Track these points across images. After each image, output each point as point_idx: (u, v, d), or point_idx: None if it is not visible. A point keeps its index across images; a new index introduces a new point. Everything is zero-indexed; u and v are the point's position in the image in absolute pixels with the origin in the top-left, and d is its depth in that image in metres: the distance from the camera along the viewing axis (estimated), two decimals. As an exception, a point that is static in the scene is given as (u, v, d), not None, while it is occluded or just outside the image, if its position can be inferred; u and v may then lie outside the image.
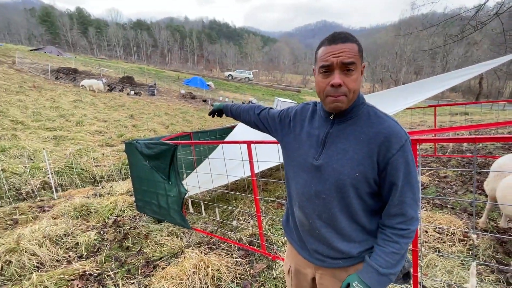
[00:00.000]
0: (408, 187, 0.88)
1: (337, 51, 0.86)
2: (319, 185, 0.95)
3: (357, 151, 0.89)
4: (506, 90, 36.20)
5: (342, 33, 0.89)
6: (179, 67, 63.37)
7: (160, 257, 2.73)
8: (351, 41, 0.87)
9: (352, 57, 0.86)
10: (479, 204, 3.27)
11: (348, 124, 0.94)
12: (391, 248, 0.89)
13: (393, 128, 0.88)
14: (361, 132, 0.90)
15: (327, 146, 0.95)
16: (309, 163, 0.98)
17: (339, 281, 1.02)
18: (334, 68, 0.87)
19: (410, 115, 14.64)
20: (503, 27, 5.45)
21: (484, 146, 6.08)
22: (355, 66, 0.87)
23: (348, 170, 0.89)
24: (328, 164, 0.93)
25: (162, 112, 14.97)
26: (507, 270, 2.17)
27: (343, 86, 0.86)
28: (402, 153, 0.86)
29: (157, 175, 3.08)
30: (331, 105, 0.90)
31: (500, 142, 5.89)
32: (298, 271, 1.16)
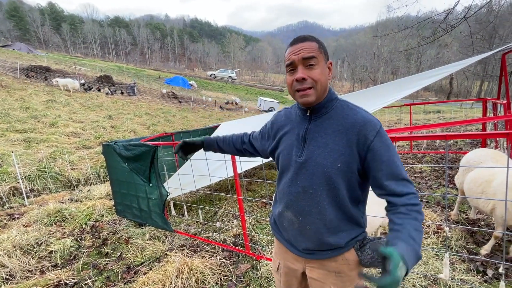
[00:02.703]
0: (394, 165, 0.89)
1: (297, 49, 0.94)
2: (306, 180, 0.98)
3: (337, 142, 0.94)
4: (474, 89, 38.64)
5: (302, 35, 0.99)
6: (160, 66, 61.72)
7: (141, 262, 2.65)
8: (310, 40, 0.96)
9: (311, 52, 0.93)
10: (451, 198, 3.45)
11: (324, 118, 0.99)
12: (413, 225, 0.82)
13: (366, 117, 0.94)
14: (338, 125, 0.96)
15: (308, 142, 0.99)
16: (293, 161, 1.01)
17: (327, 271, 1.05)
18: (297, 65, 0.95)
19: (388, 114, 15.23)
20: (470, 30, 5.83)
21: (455, 143, 6.44)
22: (316, 60, 0.94)
23: (331, 162, 0.93)
24: (311, 159, 0.97)
25: (143, 112, 14.53)
26: (476, 259, 2.31)
27: (307, 79, 0.93)
28: (379, 138, 0.91)
29: (137, 178, 2.98)
30: (301, 100, 0.97)
31: (469, 139, 6.27)
32: (287, 267, 1.17)
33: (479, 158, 2.57)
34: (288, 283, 1.21)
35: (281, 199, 1.09)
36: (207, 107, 21.37)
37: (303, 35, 0.99)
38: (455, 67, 3.29)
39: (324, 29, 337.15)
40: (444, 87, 36.94)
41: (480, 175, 2.37)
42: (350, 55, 67.98)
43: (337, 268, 1.04)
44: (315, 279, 1.09)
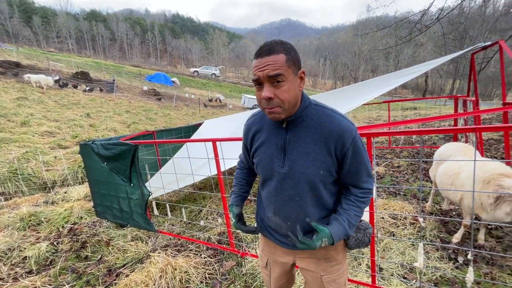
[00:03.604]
0: (362, 165, 1.01)
1: (262, 65, 0.87)
2: (291, 189, 1.01)
3: (317, 151, 0.96)
4: (447, 87, 40.77)
5: (268, 44, 0.89)
6: (141, 62, 59.84)
7: (123, 264, 2.58)
8: (276, 52, 0.87)
9: (277, 69, 0.86)
10: (426, 190, 3.63)
11: (301, 127, 0.98)
12: (354, 211, 1.02)
13: (342, 124, 0.95)
14: (316, 133, 0.96)
15: (289, 151, 0.99)
16: (276, 172, 1.02)
17: (317, 259, 1.11)
18: (262, 82, 0.89)
19: (368, 110, 15.71)
20: (443, 30, 6.15)
21: (430, 138, 6.77)
22: (283, 77, 0.87)
23: (314, 170, 0.97)
24: (294, 169, 0.98)
25: (123, 110, 14.06)
26: (448, 247, 2.46)
27: (275, 98, 0.89)
28: (354, 144, 0.96)
29: (117, 178, 2.89)
30: (270, 116, 0.94)
31: (442, 134, 6.61)
32: (276, 262, 1.20)
33: (449, 152, 2.73)
34: (278, 278, 1.24)
35: (268, 206, 1.11)
36: (191, 105, 21.03)
37: (269, 44, 0.89)
38: (429, 65, 3.45)
39: (306, 27, 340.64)
40: (420, 85, 38.72)
41: (450, 168, 2.52)
42: (332, 53, 69.27)
43: (326, 255, 1.11)
44: (306, 269, 1.15)
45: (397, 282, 2.09)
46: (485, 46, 3.09)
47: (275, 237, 1.15)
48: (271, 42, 0.90)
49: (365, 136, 1.63)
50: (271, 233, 1.17)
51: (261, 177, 1.12)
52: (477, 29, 20.81)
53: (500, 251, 2.38)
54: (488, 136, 6.20)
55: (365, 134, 1.62)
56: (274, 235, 1.15)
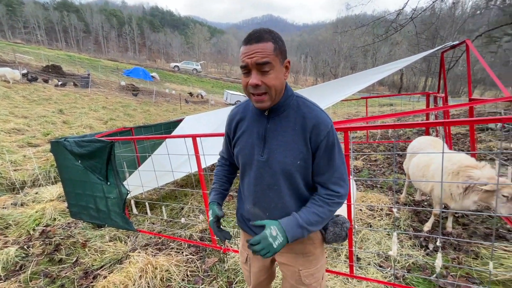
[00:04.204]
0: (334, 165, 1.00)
1: (251, 52, 0.88)
2: (270, 178, 1.02)
3: (296, 141, 0.98)
4: (420, 84, 42.86)
5: (257, 32, 0.90)
6: (118, 56, 57.23)
7: (101, 266, 2.50)
8: (265, 40, 0.88)
9: (265, 56, 0.88)
10: (400, 182, 3.81)
11: (282, 117, 1.00)
12: (314, 209, 0.99)
13: (320, 116, 0.97)
14: (296, 123, 0.98)
15: (269, 140, 1.01)
16: (256, 160, 1.03)
17: (295, 254, 1.13)
18: (250, 69, 0.90)
19: (347, 107, 16.16)
20: (416, 30, 6.44)
21: (405, 132, 7.10)
22: (270, 66, 0.89)
23: (291, 160, 0.98)
24: (273, 158, 1.00)
25: (99, 106, 13.44)
26: (420, 236, 2.61)
27: (262, 85, 0.90)
28: (328, 138, 0.97)
29: (93, 176, 2.78)
30: (256, 105, 0.96)
31: (415, 128, 6.95)
32: (256, 257, 1.21)
33: (421, 145, 2.88)
34: (258, 273, 1.25)
35: (247, 197, 1.11)
36: (171, 101, 20.51)
37: (259, 31, 0.90)
38: (403, 63, 3.61)
39: (288, 24, 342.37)
40: (396, 82, 40.40)
41: (421, 161, 2.66)
42: (312, 50, 70.22)
43: (304, 249, 1.13)
44: (284, 264, 1.17)
45: (373, 271, 2.19)
46: (454, 45, 3.27)
47: (254, 232, 1.16)
48: (259, 30, 0.91)
49: (342, 131, 1.67)
50: (250, 228, 1.17)
51: (241, 168, 1.12)
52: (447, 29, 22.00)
53: (466, 237, 2.56)
54: (456, 131, 6.60)
55: (342, 129, 1.67)
56: (254, 230, 1.16)
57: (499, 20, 9.28)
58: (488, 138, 5.53)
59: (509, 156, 4.17)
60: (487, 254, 2.22)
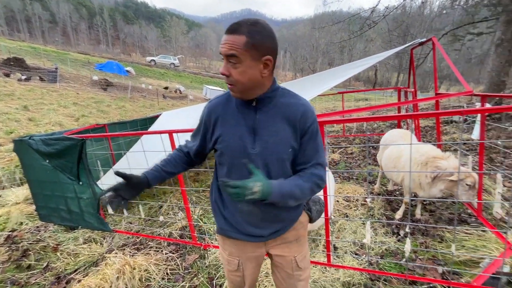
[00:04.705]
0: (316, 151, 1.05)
1: (223, 42, 0.90)
2: (263, 170, 1.01)
3: (285, 129, 1.00)
4: (393, 80, 44.91)
5: (237, 23, 0.90)
6: (89, 49, 53.98)
7: (75, 269, 2.39)
8: (238, 33, 0.88)
9: (232, 49, 0.88)
10: (375, 174, 3.99)
11: (270, 107, 1.01)
12: (298, 181, 0.99)
13: (306, 105, 1.03)
14: (284, 112, 1.00)
15: (259, 132, 1.00)
16: (247, 154, 1.00)
17: (289, 242, 1.15)
18: (224, 58, 0.92)
19: (325, 101, 16.56)
20: (388, 27, 6.73)
21: (379, 126, 7.41)
22: (237, 59, 0.89)
23: (283, 148, 1.00)
24: (266, 149, 1.00)
25: (70, 102, 12.67)
26: (392, 223, 2.76)
27: (230, 77, 0.92)
28: (313, 126, 1.02)
29: (63, 176, 2.63)
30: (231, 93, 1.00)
31: (388, 121, 7.28)
32: (249, 258, 1.17)
33: (392, 138, 3.03)
34: (253, 274, 1.22)
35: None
36: (148, 96, 19.79)
37: (238, 23, 0.89)
38: (376, 58, 3.75)
39: (267, 19, 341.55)
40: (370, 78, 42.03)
41: (392, 152, 2.81)
42: (291, 46, 70.75)
43: (296, 235, 1.16)
44: (280, 255, 1.16)
45: (350, 259, 2.29)
46: (422, 42, 3.45)
47: (244, 234, 1.11)
48: (241, 21, 0.90)
49: (318, 125, 1.71)
50: (240, 232, 1.11)
51: (227, 165, 1.05)
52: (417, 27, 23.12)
53: (432, 222, 2.75)
54: (425, 124, 7.01)
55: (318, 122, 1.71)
56: (243, 232, 1.11)
57: (463, 20, 9.93)
58: (452, 130, 5.93)
59: (470, 147, 4.51)
60: (451, 237, 2.40)
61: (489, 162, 3.93)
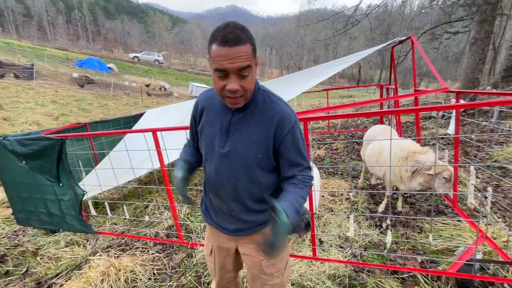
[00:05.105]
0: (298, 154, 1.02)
1: (232, 56, 0.82)
2: (229, 171, 1.02)
3: (258, 134, 0.98)
4: (376, 77, 46.06)
5: (234, 31, 0.83)
6: (68, 45, 51.57)
7: (56, 274, 2.32)
8: (243, 42, 0.83)
9: (247, 60, 0.85)
10: (358, 169, 4.10)
11: (248, 111, 0.99)
12: (299, 193, 0.98)
13: (284, 111, 0.98)
14: (260, 117, 0.98)
15: (231, 133, 1.00)
16: (217, 152, 1.02)
17: (257, 245, 1.10)
18: (229, 73, 0.85)
19: (311, 98, 16.76)
20: (370, 25, 6.90)
21: (363, 122, 7.60)
22: (250, 69, 0.87)
23: (252, 153, 0.98)
24: (234, 151, 0.99)
25: (48, 101, 12.13)
26: (375, 216, 2.85)
27: (240, 89, 0.88)
28: (292, 132, 0.98)
29: (42, 178, 2.53)
30: (230, 105, 0.96)
31: (371, 117, 7.48)
32: (220, 247, 1.22)
33: (375, 133, 3.13)
34: (223, 263, 1.26)
35: (210, 188, 1.12)
36: (132, 94, 19.25)
37: (236, 32, 0.82)
38: (359, 56, 3.84)
39: (252, 15, 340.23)
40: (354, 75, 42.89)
41: (375, 148, 2.90)
42: (277, 43, 70.87)
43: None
44: (247, 254, 1.18)
45: (335, 252, 2.35)
46: (401, 40, 3.57)
47: (217, 223, 1.17)
48: (234, 28, 0.83)
49: (302, 121, 1.74)
50: (213, 220, 1.18)
51: (204, 157, 1.11)
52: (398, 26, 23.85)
53: (412, 214, 2.87)
54: (406, 120, 7.26)
55: (302, 119, 1.74)
56: (216, 221, 1.17)
57: (440, 19, 10.32)
58: (431, 126, 6.18)
59: (447, 141, 4.72)
60: (429, 228, 2.52)
61: (464, 155, 4.14)
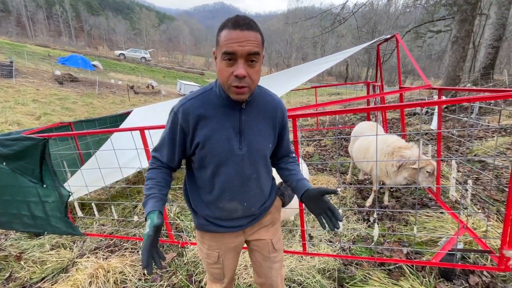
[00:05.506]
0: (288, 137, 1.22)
1: (243, 39, 0.81)
2: (250, 169, 1.04)
3: (266, 126, 1.06)
4: (363, 74, 46.93)
5: (246, 18, 0.85)
6: (49, 41, 49.66)
7: (42, 278, 2.26)
8: (255, 30, 0.84)
9: (257, 46, 0.84)
10: (346, 164, 4.18)
11: (252, 106, 1.02)
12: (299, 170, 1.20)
13: (280, 102, 1.11)
14: (265, 111, 1.05)
15: (245, 132, 1.00)
16: (234, 155, 0.99)
17: (265, 226, 1.22)
18: (238, 57, 0.83)
19: (300, 96, 16.90)
20: (357, 24, 7.02)
21: (350, 119, 7.74)
22: (258, 57, 0.86)
23: (265, 145, 1.07)
24: (251, 148, 1.02)
25: (29, 99, 11.67)
26: (363, 210, 2.93)
27: (246, 78, 0.85)
28: (287, 119, 1.17)
29: (24, 179, 2.44)
30: (235, 96, 0.90)
31: (359, 114, 7.63)
32: (229, 249, 1.19)
33: (362, 130, 3.20)
34: (232, 264, 1.24)
35: (222, 194, 1.05)
36: (118, 92, 18.79)
37: (247, 18, 0.84)
38: (346, 54, 3.90)
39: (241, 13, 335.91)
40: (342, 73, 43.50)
41: (362, 144, 2.97)
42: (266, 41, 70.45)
43: (271, 218, 1.23)
44: (257, 240, 1.22)
45: (324, 246, 2.40)
46: (387, 38, 3.66)
47: (223, 226, 1.12)
48: (245, 16, 0.85)
49: (290, 118, 1.76)
50: (218, 225, 1.13)
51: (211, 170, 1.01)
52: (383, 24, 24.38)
53: (398, 208, 2.96)
54: (392, 116, 7.45)
55: (290, 116, 1.76)
56: (223, 225, 1.12)
57: (424, 18, 10.62)
58: (416, 122, 6.37)
59: (431, 136, 4.88)
60: (414, 220, 2.61)
61: (447, 150, 4.29)
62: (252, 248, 1.27)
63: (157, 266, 0.86)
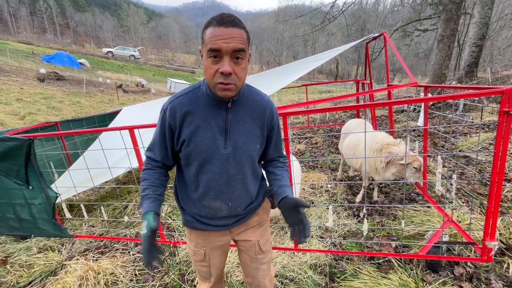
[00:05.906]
0: (280, 140, 1.20)
1: (227, 36, 0.82)
2: (235, 169, 1.03)
3: (254, 127, 1.03)
4: (353, 72, 47.55)
5: (231, 16, 0.86)
6: (33, 38, 47.99)
7: (29, 282, 2.21)
8: (240, 27, 0.85)
9: (242, 43, 0.85)
10: (337, 161, 4.24)
11: (239, 106, 1.01)
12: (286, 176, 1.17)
13: (270, 102, 1.08)
14: (253, 111, 1.03)
15: (230, 131, 0.99)
16: (219, 154, 0.99)
17: (252, 227, 1.21)
18: (223, 54, 0.84)
19: (291, 94, 16.98)
20: (346, 22, 7.12)
21: (340, 116, 7.85)
22: (244, 54, 0.87)
23: (252, 146, 1.04)
24: (237, 148, 1.01)
25: (12, 99, 11.28)
26: (353, 206, 2.98)
27: (232, 75, 0.86)
28: (277, 120, 1.13)
29: (8, 181, 2.37)
30: (221, 93, 0.90)
31: (348, 111, 7.74)
32: (215, 247, 1.19)
33: (351, 127, 3.25)
34: (219, 262, 1.25)
35: (207, 193, 1.05)
36: (106, 90, 18.38)
37: (232, 16, 0.86)
38: (335, 52, 3.95)
39: (231, 11, 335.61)
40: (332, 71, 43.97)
41: (352, 141, 3.02)
42: (256, 38, 70.70)
43: (259, 220, 1.22)
44: (244, 240, 1.21)
45: (316, 242, 2.43)
46: (375, 36, 3.71)
47: (209, 224, 1.13)
48: (230, 14, 0.87)
49: (281, 116, 1.77)
50: (205, 223, 1.13)
51: (196, 166, 1.01)
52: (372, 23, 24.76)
53: (387, 203, 3.03)
54: (381, 113, 7.59)
55: (281, 114, 1.77)
56: (209, 223, 1.13)
57: (411, 17, 10.83)
58: (404, 119, 6.52)
59: (418, 133, 5.01)
60: (402, 215, 2.68)
61: (433, 146, 4.41)
62: (239, 248, 1.27)
63: (158, 261, 0.95)
